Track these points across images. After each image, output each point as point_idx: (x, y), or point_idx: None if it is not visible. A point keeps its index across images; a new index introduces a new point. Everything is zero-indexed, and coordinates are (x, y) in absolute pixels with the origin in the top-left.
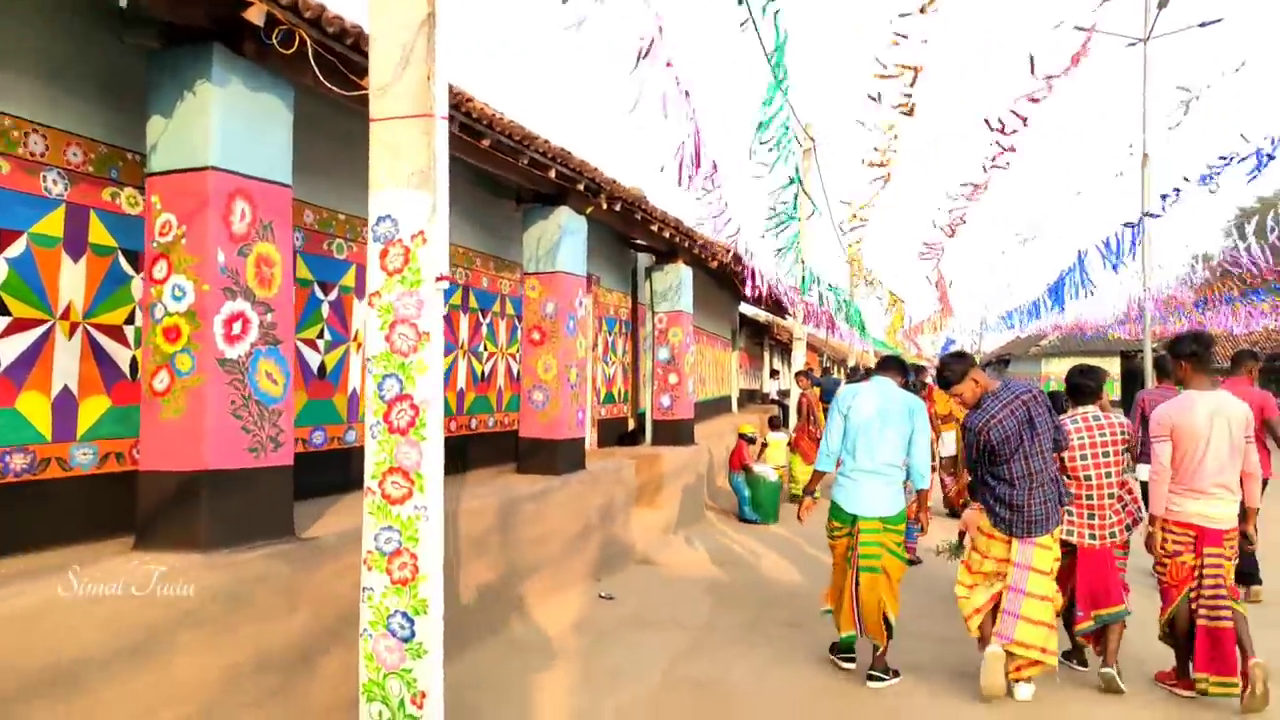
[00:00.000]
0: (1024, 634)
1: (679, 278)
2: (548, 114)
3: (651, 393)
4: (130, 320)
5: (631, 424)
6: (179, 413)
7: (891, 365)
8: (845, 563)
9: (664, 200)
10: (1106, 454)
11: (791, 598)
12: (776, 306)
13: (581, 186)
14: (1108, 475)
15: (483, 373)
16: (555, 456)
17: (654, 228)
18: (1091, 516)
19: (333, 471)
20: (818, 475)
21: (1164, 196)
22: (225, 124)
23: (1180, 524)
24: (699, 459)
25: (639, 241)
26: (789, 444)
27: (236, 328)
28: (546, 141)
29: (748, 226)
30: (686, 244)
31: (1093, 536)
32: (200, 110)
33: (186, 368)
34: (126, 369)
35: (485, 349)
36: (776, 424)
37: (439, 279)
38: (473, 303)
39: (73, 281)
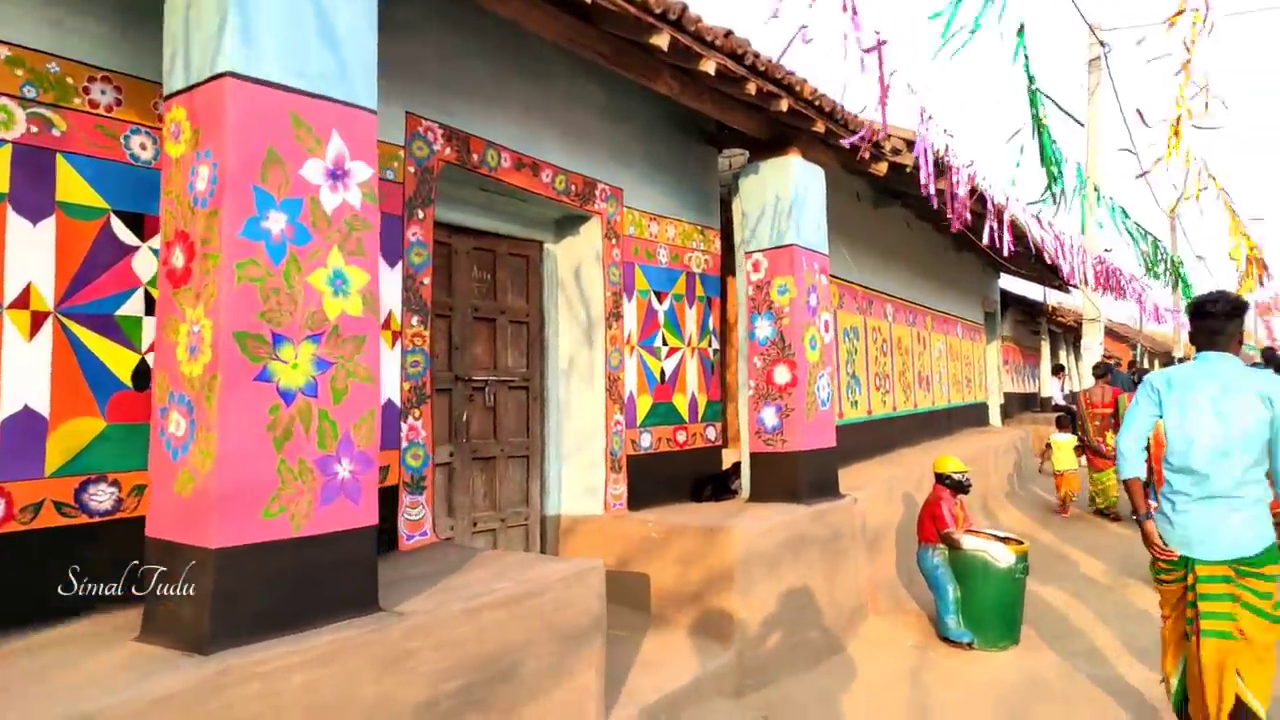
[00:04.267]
0: None
1: (787, 183)
2: None
3: (746, 402)
4: None
5: (731, 459)
6: None
7: (1223, 316)
8: (1181, 617)
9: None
10: None
11: None
12: (1050, 271)
13: None
14: None
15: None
16: (185, 599)
17: (681, 44)
18: None
19: None
20: (1136, 485)
21: None
22: None
23: None
24: (840, 526)
25: (732, 125)
26: (1077, 448)
27: None
28: None
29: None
30: (788, 107)
31: None
32: None
33: None
34: None
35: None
36: (1065, 424)
37: None
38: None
39: None
